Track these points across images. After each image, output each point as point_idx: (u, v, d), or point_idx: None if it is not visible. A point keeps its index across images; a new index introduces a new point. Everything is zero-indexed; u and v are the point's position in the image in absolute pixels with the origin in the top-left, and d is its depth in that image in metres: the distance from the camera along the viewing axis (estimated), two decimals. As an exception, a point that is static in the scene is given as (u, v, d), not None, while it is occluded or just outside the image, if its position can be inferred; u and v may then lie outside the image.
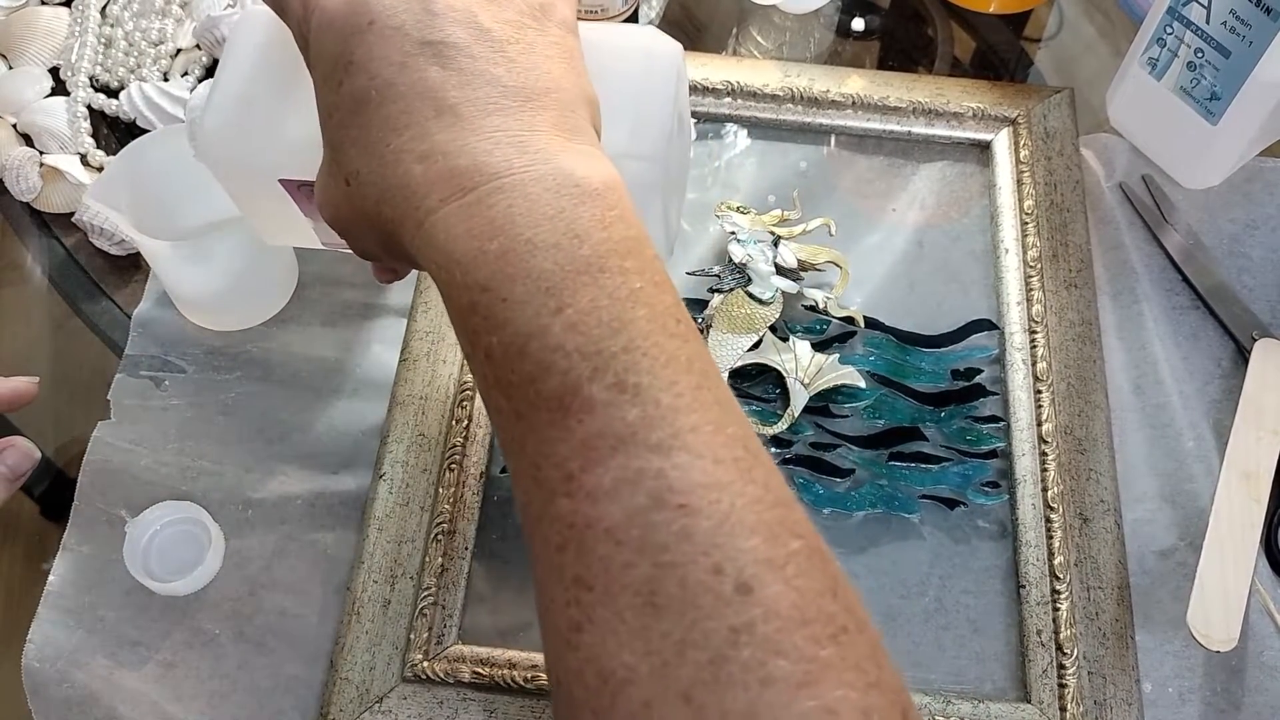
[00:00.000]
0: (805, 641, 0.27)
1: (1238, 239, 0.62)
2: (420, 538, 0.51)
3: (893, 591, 0.52)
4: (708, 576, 0.27)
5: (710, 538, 0.27)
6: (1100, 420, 0.55)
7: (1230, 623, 0.50)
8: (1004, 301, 0.59)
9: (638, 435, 0.28)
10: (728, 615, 0.27)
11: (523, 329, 0.29)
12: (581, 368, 0.29)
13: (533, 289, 0.30)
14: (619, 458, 0.28)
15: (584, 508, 0.28)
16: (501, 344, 0.30)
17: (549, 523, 0.29)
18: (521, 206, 0.31)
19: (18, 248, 0.62)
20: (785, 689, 0.26)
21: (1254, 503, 0.53)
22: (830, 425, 0.55)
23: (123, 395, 0.55)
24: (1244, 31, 0.55)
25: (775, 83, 0.64)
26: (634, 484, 0.28)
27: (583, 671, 0.28)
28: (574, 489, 0.29)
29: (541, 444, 0.29)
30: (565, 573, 0.28)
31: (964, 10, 0.71)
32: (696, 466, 0.28)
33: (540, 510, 0.29)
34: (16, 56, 0.67)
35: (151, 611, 0.50)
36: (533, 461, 0.30)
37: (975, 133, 0.64)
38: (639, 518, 0.28)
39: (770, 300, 0.56)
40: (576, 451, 0.29)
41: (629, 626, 0.27)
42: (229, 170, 0.44)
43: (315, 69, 0.35)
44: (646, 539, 0.27)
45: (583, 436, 0.29)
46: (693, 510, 0.28)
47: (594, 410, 0.29)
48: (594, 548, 0.28)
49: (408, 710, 0.48)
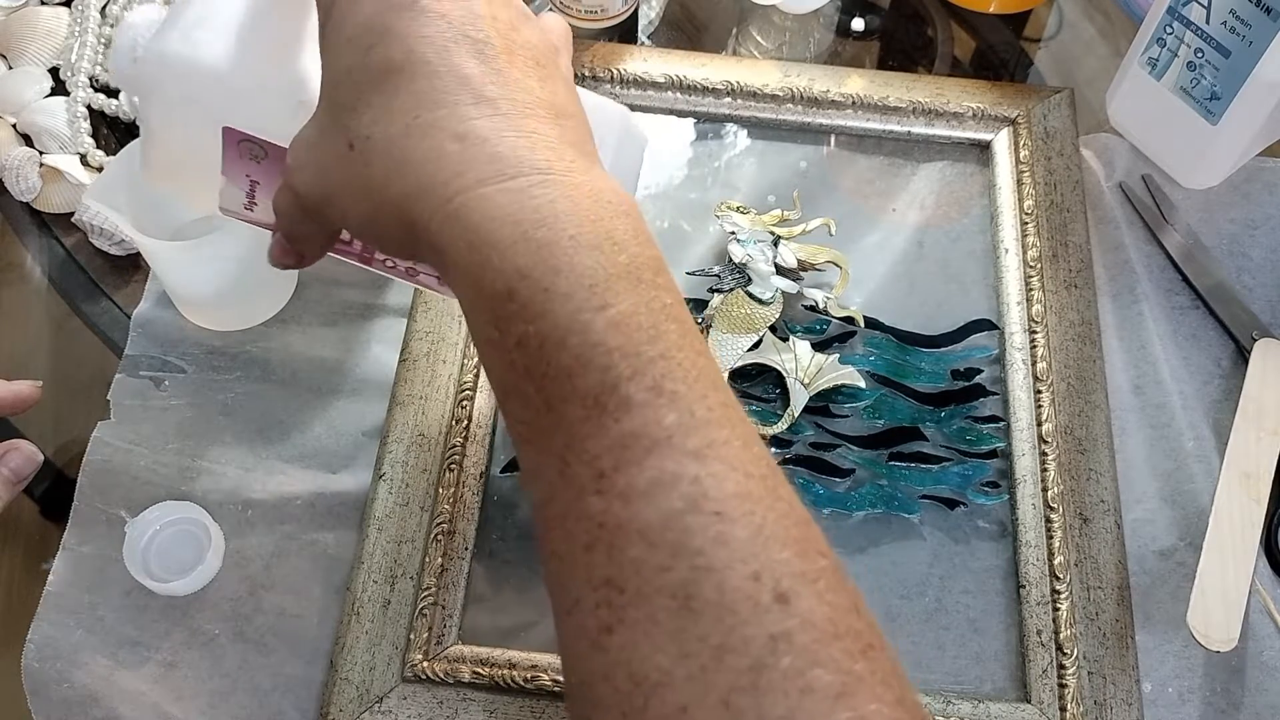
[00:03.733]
0: (840, 654, 0.27)
1: (1238, 239, 0.62)
2: (420, 538, 0.51)
3: (893, 591, 0.52)
4: (746, 583, 0.27)
5: (747, 546, 0.27)
6: (1100, 420, 0.55)
7: (1230, 623, 0.50)
8: (1004, 301, 0.59)
9: (673, 440, 0.28)
10: (766, 623, 0.27)
11: (563, 321, 0.29)
12: (621, 366, 0.29)
13: (575, 284, 0.29)
14: (654, 459, 0.28)
15: (616, 507, 0.28)
16: (539, 334, 0.29)
17: (575, 520, 0.29)
18: (565, 205, 0.31)
19: (17, 248, 0.61)
20: (824, 699, 0.26)
21: (1254, 503, 0.53)
22: (830, 425, 0.55)
23: (123, 395, 0.55)
24: (1244, 31, 0.55)
25: (775, 83, 0.64)
26: (669, 487, 0.28)
27: (612, 674, 0.27)
28: (605, 487, 0.28)
29: (572, 439, 0.29)
30: (594, 573, 0.28)
31: (964, 10, 0.71)
32: (730, 477, 0.28)
33: (565, 507, 0.29)
34: (16, 56, 0.67)
35: (151, 611, 0.50)
36: (560, 457, 0.29)
37: (975, 133, 0.64)
38: (674, 521, 0.27)
39: (770, 300, 0.56)
40: (610, 449, 0.28)
41: (663, 629, 0.27)
42: (163, 103, 0.41)
43: (340, 29, 0.34)
44: (682, 542, 0.27)
45: (618, 435, 0.28)
46: (728, 518, 0.28)
47: (631, 410, 0.28)
48: (626, 548, 0.28)
49: (408, 710, 0.48)
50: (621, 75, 0.64)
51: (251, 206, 0.42)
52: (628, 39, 0.69)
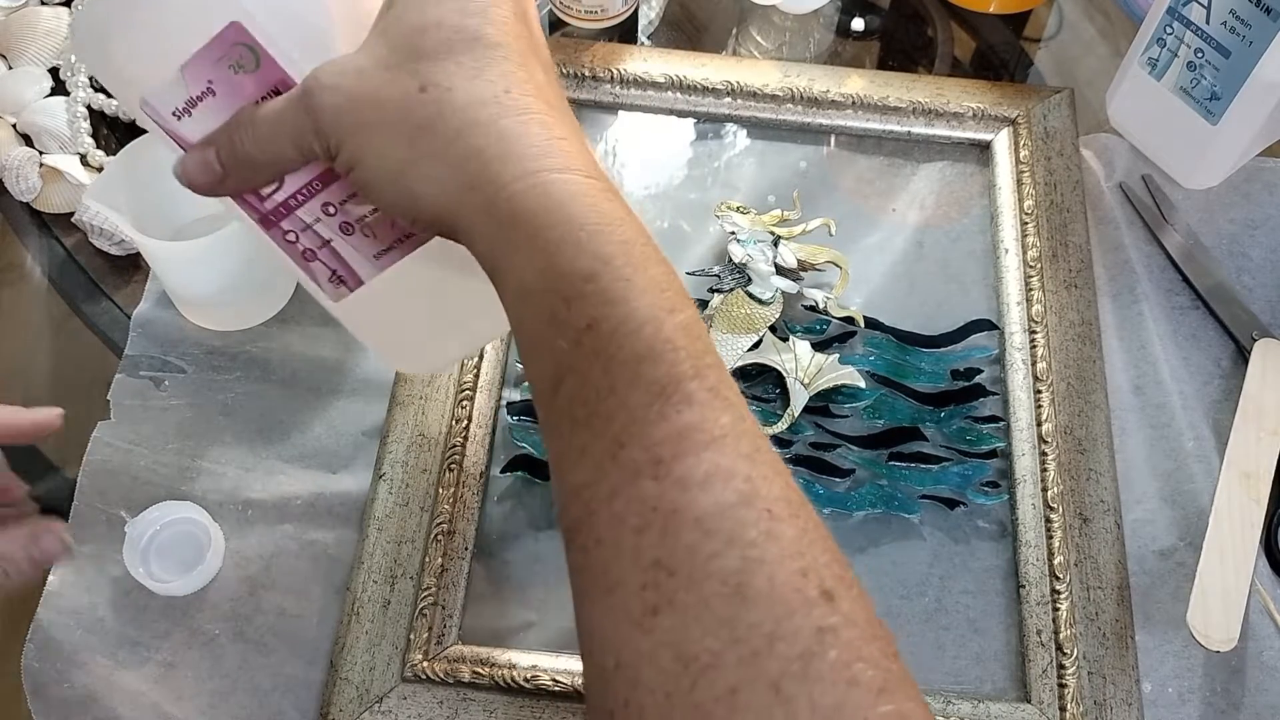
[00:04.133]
0: (879, 653, 0.28)
1: (1238, 239, 0.62)
2: (420, 538, 0.51)
3: (893, 591, 0.52)
4: (795, 578, 0.28)
5: (795, 544, 0.29)
6: (1100, 420, 0.55)
7: (1230, 623, 0.50)
8: (1004, 301, 0.59)
9: (728, 439, 0.30)
10: (814, 617, 0.28)
11: (640, 312, 0.31)
12: (686, 365, 0.30)
13: (649, 284, 0.31)
14: (711, 453, 0.29)
15: (672, 493, 0.29)
16: (614, 319, 0.31)
17: (626, 503, 0.29)
18: (632, 221, 0.33)
19: (17, 248, 0.61)
20: (868, 692, 0.27)
21: (1254, 503, 0.53)
22: (830, 425, 0.55)
23: (123, 395, 0.55)
24: (1244, 31, 0.55)
25: (775, 83, 0.64)
26: (725, 481, 0.29)
27: (657, 654, 0.28)
28: (662, 474, 0.29)
29: (631, 424, 0.30)
30: (642, 555, 0.29)
31: (964, 10, 0.71)
32: (776, 481, 0.30)
33: (615, 489, 0.30)
34: (16, 56, 0.67)
35: (151, 611, 0.50)
36: (616, 440, 0.30)
37: (975, 133, 0.64)
38: (729, 512, 0.29)
39: (770, 300, 0.56)
40: (670, 438, 0.30)
41: (714, 614, 0.28)
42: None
43: None
44: (736, 533, 0.28)
45: (679, 426, 0.30)
46: (777, 517, 0.29)
47: (692, 405, 0.30)
48: (680, 533, 0.29)
49: (408, 710, 0.48)
50: (621, 75, 0.64)
51: (183, 114, 0.38)
52: (628, 39, 0.69)
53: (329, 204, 0.39)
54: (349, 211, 0.39)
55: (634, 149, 0.64)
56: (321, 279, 0.41)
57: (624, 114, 0.65)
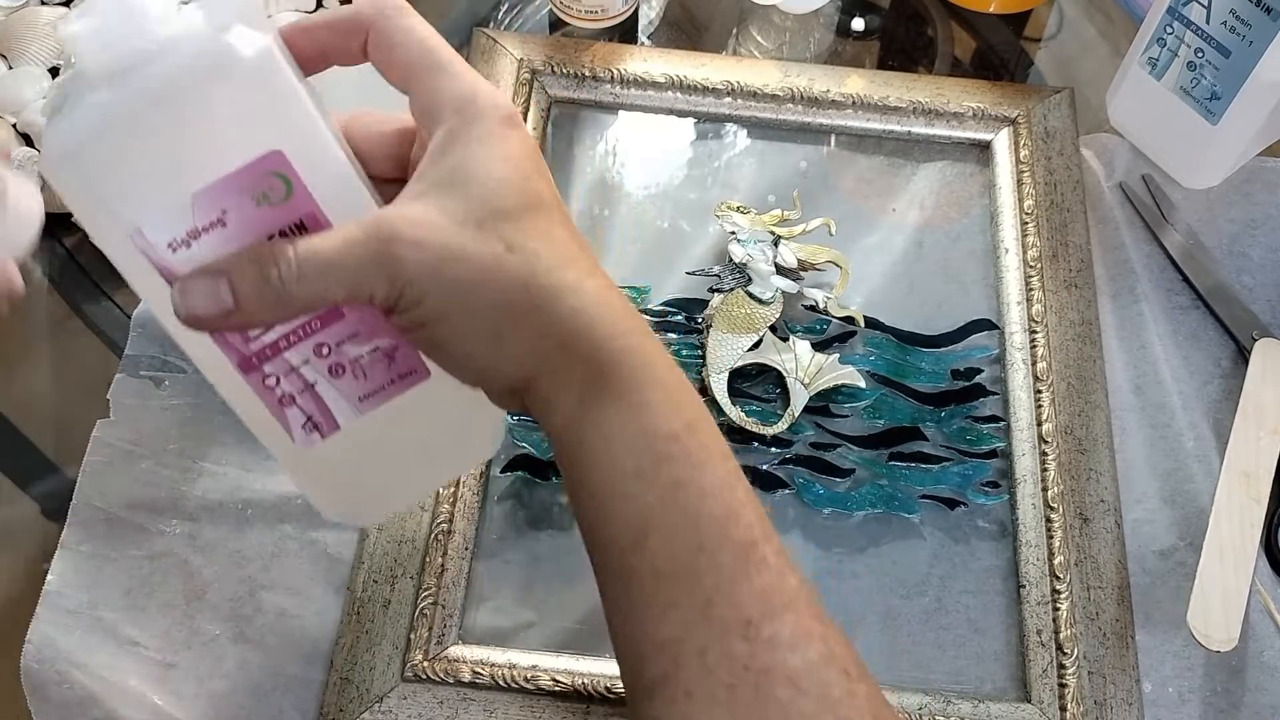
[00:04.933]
0: None
1: (1238, 239, 0.62)
2: (420, 538, 0.51)
3: (893, 591, 0.52)
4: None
5: (869, 704, 0.32)
6: (1100, 420, 0.55)
7: (1230, 623, 0.50)
8: (1004, 301, 0.59)
9: (801, 601, 0.32)
10: None
11: (719, 476, 0.33)
12: (758, 528, 0.33)
13: (716, 453, 0.33)
14: (791, 615, 0.32)
15: (763, 653, 0.31)
16: (699, 480, 0.33)
17: (718, 658, 0.31)
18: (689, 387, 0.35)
19: (18, 248, 0.61)
20: None
21: (1254, 503, 0.53)
22: (830, 425, 0.55)
23: (123, 395, 0.55)
24: (1244, 31, 0.55)
25: (775, 83, 0.64)
26: (808, 640, 0.32)
27: None
28: (752, 634, 0.31)
29: (721, 581, 0.32)
30: (737, 710, 0.31)
31: (964, 10, 0.71)
32: (845, 643, 0.33)
33: (705, 645, 0.31)
34: (16, 56, 0.67)
35: (151, 611, 0.50)
36: (707, 598, 0.32)
37: (975, 133, 0.64)
38: (818, 671, 0.31)
39: (770, 300, 0.56)
40: (754, 599, 0.32)
41: None
42: None
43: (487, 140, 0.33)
44: (824, 692, 0.31)
45: (761, 587, 0.32)
46: (854, 678, 0.32)
47: (768, 567, 0.32)
48: (773, 691, 0.31)
49: (408, 710, 0.48)
50: (621, 75, 0.64)
51: (181, 246, 0.32)
52: (628, 39, 0.69)
53: (324, 345, 0.35)
54: (344, 352, 0.35)
55: (634, 149, 0.64)
56: (295, 425, 0.37)
57: (624, 114, 0.65)
